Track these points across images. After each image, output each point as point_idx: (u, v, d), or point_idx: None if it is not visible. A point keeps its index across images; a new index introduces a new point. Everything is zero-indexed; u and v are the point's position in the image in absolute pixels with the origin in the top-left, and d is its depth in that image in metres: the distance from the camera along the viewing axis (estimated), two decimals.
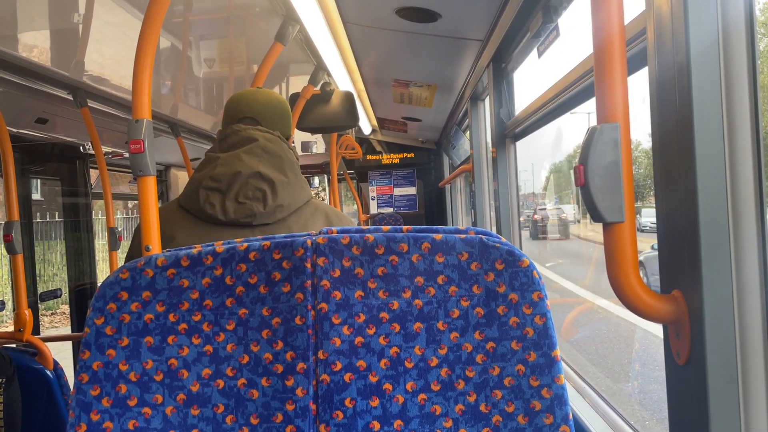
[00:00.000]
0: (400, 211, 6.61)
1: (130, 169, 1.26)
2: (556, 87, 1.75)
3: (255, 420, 0.79)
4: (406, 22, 2.40)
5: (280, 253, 0.79)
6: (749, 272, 0.83)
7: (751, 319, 0.83)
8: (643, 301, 0.87)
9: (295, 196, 1.44)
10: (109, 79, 2.68)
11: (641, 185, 5.81)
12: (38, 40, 2.23)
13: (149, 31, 1.25)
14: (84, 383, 0.79)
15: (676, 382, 0.93)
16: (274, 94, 1.63)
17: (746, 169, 0.82)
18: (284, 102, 1.63)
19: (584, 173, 0.84)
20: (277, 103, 1.59)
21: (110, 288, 0.80)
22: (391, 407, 0.78)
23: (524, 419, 0.78)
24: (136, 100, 1.23)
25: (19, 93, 2.44)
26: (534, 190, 13.49)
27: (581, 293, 7.18)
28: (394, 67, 3.41)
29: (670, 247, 0.91)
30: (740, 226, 0.83)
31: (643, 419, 4.44)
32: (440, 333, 0.79)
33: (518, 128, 2.35)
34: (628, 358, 5.75)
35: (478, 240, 0.79)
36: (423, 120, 5.06)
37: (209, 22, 2.41)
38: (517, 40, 2.22)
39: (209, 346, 0.80)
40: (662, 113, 0.91)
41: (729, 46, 0.83)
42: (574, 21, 1.77)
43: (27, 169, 3.53)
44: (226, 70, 3.16)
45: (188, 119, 3.75)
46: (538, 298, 0.78)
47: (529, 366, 0.78)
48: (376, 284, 0.79)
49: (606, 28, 0.84)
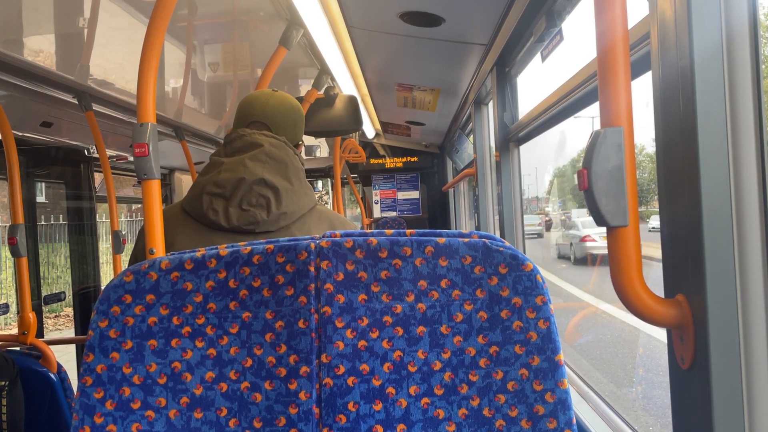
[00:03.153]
0: (404, 215, 6.61)
1: (134, 173, 1.26)
2: (559, 91, 1.75)
3: (258, 423, 0.79)
4: (409, 26, 2.41)
5: (284, 256, 0.79)
6: (753, 276, 0.83)
7: (755, 324, 0.83)
8: (647, 305, 0.87)
9: (299, 203, 1.43)
10: (113, 83, 2.70)
11: (645, 190, 5.80)
12: (44, 44, 2.24)
13: (154, 35, 1.26)
14: (87, 386, 0.79)
15: (680, 386, 0.92)
16: (289, 99, 1.60)
17: (750, 174, 0.82)
18: (298, 108, 1.60)
19: (588, 177, 0.84)
20: (290, 110, 1.57)
21: (114, 291, 0.80)
22: (394, 411, 0.78)
23: (527, 424, 0.77)
24: (141, 104, 1.24)
25: (25, 97, 2.45)
26: (538, 194, 13.26)
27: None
28: (398, 71, 3.42)
29: (674, 252, 0.91)
30: (744, 230, 0.83)
31: (647, 424, 4.43)
32: (443, 337, 0.79)
33: (522, 132, 2.35)
34: (632, 363, 5.72)
35: (481, 244, 0.79)
36: (426, 124, 5.07)
37: (214, 26, 2.42)
38: (520, 45, 2.22)
39: (213, 350, 0.80)
40: (666, 118, 0.91)
41: (733, 51, 0.83)
42: (578, 25, 1.78)
43: (32, 172, 3.54)
44: (230, 74, 3.18)
45: (192, 123, 3.77)
46: (542, 302, 0.78)
47: (533, 370, 0.78)
48: (380, 288, 0.79)
49: (609, 33, 0.84)
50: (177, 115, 3.51)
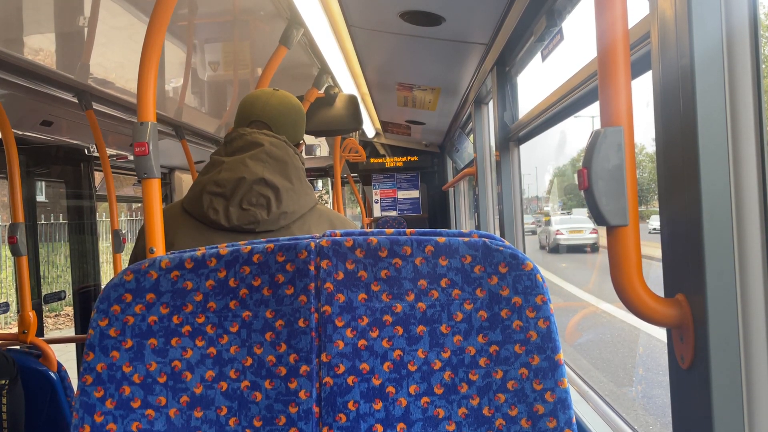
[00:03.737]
0: (404, 215, 6.61)
1: (134, 172, 1.27)
2: (559, 91, 1.75)
3: (258, 422, 0.79)
4: (410, 25, 2.41)
5: (284, 255, 0.79)
6: (753, 276, 0.83)
7: (755, 323, 0.83)
8: (647, 305, 0.87)
9: (299, 202, 1.43)
10: (114, 82, 2.70)
11: (645, 189, 5.80)
12: (44, 43, 2.24)
13: (154, 34, 1.25)
14: (88, 385, 0.79)
15: (680, 386, 0.93)
16: (290, 99, 1.59)
17: (750, 173, 0.82)
18: (299, 107, 1.59)
19: (588, 177, 0.84)
20: (291, 109, 1.57)
21: (114, 290, 0.80)
22: (394, 410, 0.78)
23: (527, 423, 0.77)
24: (141, 103, 1.24)
25: (25, 96, 2.45)
26: (538, 193, 13.79)
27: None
28: (398, 70, 3.42)
29: (674, 251, 0.91)
30: (744, 230, 0.83)
31: (647, 424, 4.43)
32: (443, 336, 0.79)
33: (522, 132, 2.35)
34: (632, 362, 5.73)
35: (481, 243, 0.79)
36: (427, 123, 5.07)
37: (214, 25, 2.42)
38: (520, 44, 2.22)
39: (213, 349, 0.80)
40: (666, 117, 0.91)
41: (733, 51, 0.83)
42: (578, 25, 1.78)
43: (32, 171, 3.54)
44: (231, 73, 3.17)
45: (193, 122, 3.77)
46: (542, 301, 0.78)
47: (533, 369, 0.78)
48: (380, 287, 0.79)
49: (610, 32, 0.84)
50: (177, 114, 3.51)
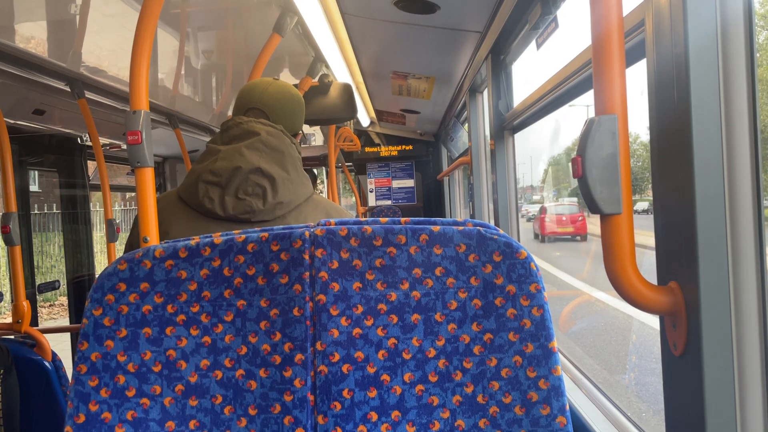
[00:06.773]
0: (399, 204, 6.61)
1: (127, 161, 1.26)
2: (554, 79, 1.75)
3: (253, 411, 0.79)
4: (404, 13, 2.40)
5: (279, 244, 0.79)
6: (746, 263, 0.83)
7: (748, 310, 0.83)
8: (640, 292, 0.87)
9: (296, 192, 1.43)
10: (106, 70, 2.68)
11: (639, 178, 5.81)
12: (35, 31, 2.22)
13: (146, 22, 1.24)
14: (82, 374, 0.79)
15: (672, 373, 0.93)
16: (289, 88, 1.58)
17: (743, 161, 0.83)
18: (297, 97, 1.59)
19: (582, 165, 0.84)
20: (290, 99, 1.56)
21: (108, 279, 0.80)
22: (389, 398, 0.79)
23: (521, 410, 0.78)
24: (134, 92, 1.23)
25: (17, 84, 2.43)
26: (532, 182, 13.80)
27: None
28: (393, 58, 3.40)
29: (667, 239, 0.92)
30: (737, 217, 0.83)
31: (640, 411, 4.47)
32: (438, 324, 0.79)
33: (516, 120, 2.35)
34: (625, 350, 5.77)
35: (476, 232, 0.79)
36: (421, 112, 5.05)
37: (207, 13, 2.40)
38: (515, 32, 2.21)
39: (207, 338, 0.80)
40: (660, 105, 0.91)
41: (727, 39, 0.83)
42: (573, 12, 1.77)
43: (24, 160, 3.52)
44: (224, 61, 3.15)
45: (186, 111, 3.74)
46: (536, 289, 0.78)
47: (526, 357, 0.78)
48: (374, 276, 0.79)
49: (604, 20, 0.84)
50: (170, 103, 3.49)
